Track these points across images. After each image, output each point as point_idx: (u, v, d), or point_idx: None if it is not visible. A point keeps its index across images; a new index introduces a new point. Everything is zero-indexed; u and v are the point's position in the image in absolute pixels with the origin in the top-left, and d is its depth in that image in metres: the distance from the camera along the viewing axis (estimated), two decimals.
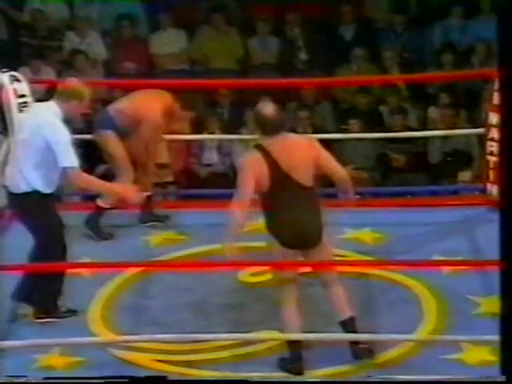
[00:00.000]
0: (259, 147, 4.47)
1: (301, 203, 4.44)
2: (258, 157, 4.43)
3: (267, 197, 4.46)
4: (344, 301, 4.52)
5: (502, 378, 3.62)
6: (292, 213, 4.43)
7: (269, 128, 4.46)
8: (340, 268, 4.71)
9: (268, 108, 4.49)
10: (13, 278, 4.76)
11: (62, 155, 4.63)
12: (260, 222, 5.69)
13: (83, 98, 4.78)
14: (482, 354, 4.48)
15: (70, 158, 4.65)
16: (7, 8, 8.74)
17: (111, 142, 5.59)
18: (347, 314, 4.51)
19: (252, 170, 4.41)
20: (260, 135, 4.51)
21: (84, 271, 5.11)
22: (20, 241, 5.11)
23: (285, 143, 4.46)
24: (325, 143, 5.12)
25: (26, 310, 4.83)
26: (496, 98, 5.63)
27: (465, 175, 7.32)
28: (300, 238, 4.45)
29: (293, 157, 4.43)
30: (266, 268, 4.97)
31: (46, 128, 4.67)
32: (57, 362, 4.51)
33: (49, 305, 4.77)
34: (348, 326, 4.49)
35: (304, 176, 4.45)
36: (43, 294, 4.75)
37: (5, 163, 5.17)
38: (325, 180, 4.70)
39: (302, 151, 4.48)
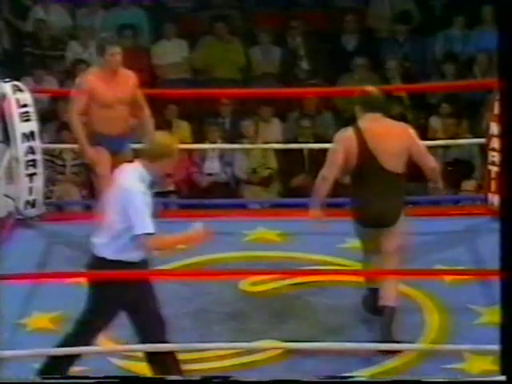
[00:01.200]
0: (355, 126, 4.75)
1: (383, 187, 4.70)
2: (351, 135, 4.71)
3: (354, 174, 4.75)
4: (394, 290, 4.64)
5: (502, 378, 3.61)
6: (372, 193, 4.69)
7: (369, 105, 4.75)
8: (342, 277, 4.71)
9: (371, 87, 4.92)
10: (13, 288, 4.76)
11: (137, 222, 4.20)
12: (262, 231, 5.73)
13: (173, 154, 4.24)
14: (483, 364, 4.47)
15: (145, 225, 4.22)
16: (10, 17, 8.78)
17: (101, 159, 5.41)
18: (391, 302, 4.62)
19: (343, 145, 4.69)
20: (360, 112, 4.77)
21: (85, 280, 5.10)
22: (21, 250, 5.13)
23: (380, 127, 4.73)
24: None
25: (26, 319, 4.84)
26: (497, 108, 5.64)
27: (466, 185, 7.32)
28: (375, 218, 4.70)
29: (385, 142, 4.68)
30: (267, 277, 4.97)
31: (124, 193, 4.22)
32: None
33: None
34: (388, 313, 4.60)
35: (392, 162, 4.70)
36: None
37: (8, 173, 5.19)
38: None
39: (396, 138, 4.71)
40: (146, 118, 5.64)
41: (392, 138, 4.70)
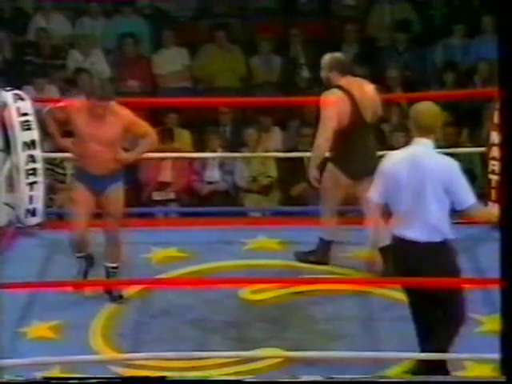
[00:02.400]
0: (341, 88, 5.18)
1: (367, 139, 5.22)
2: (343, 96, 5.14)
3: (342, 132, 5.13)
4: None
5: (502, 378, 3.60)
6: (360, 147, 5.17)
7: (343, 68, 5.27)
8: (342, 286, 4.71)
9: (338, 54, 5.42)
10: (13, 296, 4.75)
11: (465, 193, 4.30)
12: (263, 240, 5.73)
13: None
14: (484, 373, 4.46)
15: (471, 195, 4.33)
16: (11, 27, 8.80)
17: None
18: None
19: (338, 107, 5.10)
20: (337, 77, 5.25)
21: (86, 289, 5.10)
22: (21, 259, 5.13)
23: (358, 85, 5.25)
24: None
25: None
26: (498, 117, 5.64)
27: None
28: (366, 169, 5.01)
29: (365, 97, 5.20)
30: (267, 286, 4.97)
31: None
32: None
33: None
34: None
35: (370, 115, 5.22)
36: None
37: (9, 182, 5.19)
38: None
39: (371, 92, 5.28)
40: (149, 141, 5.16)
41: (369, 93, 5.27)
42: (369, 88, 5.32)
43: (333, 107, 5.12)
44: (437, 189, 4.28)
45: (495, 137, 5.70)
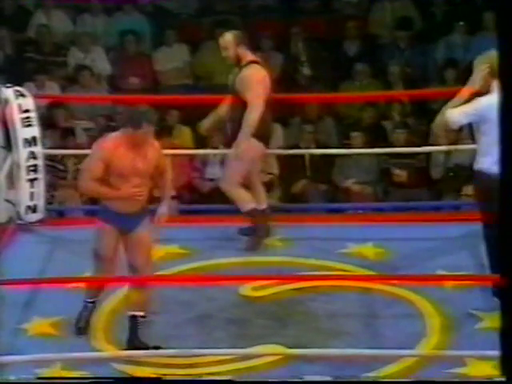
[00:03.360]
0: (257, 63, 5.44)
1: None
2: (264, 71, 5.45)
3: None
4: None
5: (502, 378, 3.60)
6: (270, 117, 5.57)
7: (245, 43, 5.55)
8: (343, 282, 4.70)
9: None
10: (14, 293, 4.76)
11: None
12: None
13: None
14: (485, 369, 4.46)
15: None
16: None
17: None
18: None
19: (264, 83, 5.42)
20: (243, 51, 5.48)
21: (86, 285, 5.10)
22: (22, 255, 5.13)
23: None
24: (328, 158, 5.17)
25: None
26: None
27: (468, 190, 7.32)
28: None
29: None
30: (267, 282, 4.97)
31: None
32: (58, 376, 4.50)
33: None
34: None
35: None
36: None
37: (9, 178, 5.19)
38: (326, 195, 4.72)
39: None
40: (165, 184, 4.83)
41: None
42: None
43: (260, 84, 5.33)
44: None
45: None
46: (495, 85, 4.79)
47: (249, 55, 5.51)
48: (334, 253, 5.44)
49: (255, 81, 5.38)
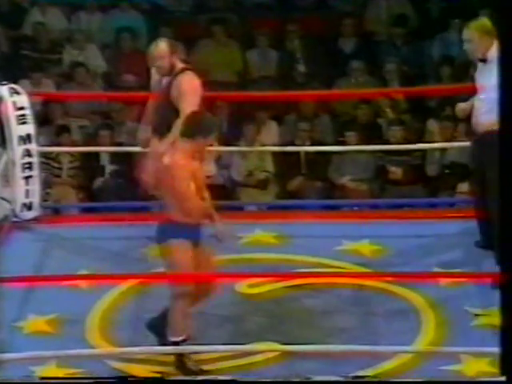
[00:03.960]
0: (191, 70, 5.21)
1: None
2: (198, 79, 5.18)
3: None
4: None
5: (502, 378, 3.61)
6: None
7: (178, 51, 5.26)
8: (338, 279, 4.70)
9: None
10: (10, 290, 4.75)
11: None
12: (259, 234, 5.73)
13: None
14: (480, 366, 4.47)
15: None
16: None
17: None
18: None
19: (199, 92, 5.14)
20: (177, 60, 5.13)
21: (82, 283, 5.10)
22: (17, 253, 5.12)
23: None
24: (324, 155, 5.16)
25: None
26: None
27: (462, 188, 7.33)
28: None
29: None
30: (264, 279, 4.96)
31: None
32: (54, 374, 4.50)
33: None
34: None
35: None
36: None
37: (4, 176, 5.18)
38: (322, 192, 4.72)
39: None
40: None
41: None
42: None
43: (195, 93, 5.08)
44: None
45: None
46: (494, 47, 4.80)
47: (181, 63, 5.27)
48: (329, 250, 5.44)
49: (191, 90, 5.13)
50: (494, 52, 4.92)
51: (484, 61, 5.11)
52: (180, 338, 4.46)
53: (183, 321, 4.44)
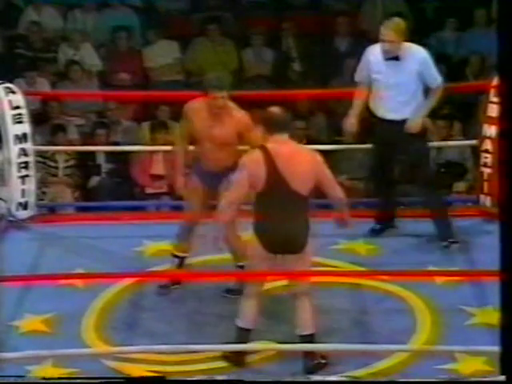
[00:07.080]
0: (262, 148, 4.52)
1: (291, 209, 4.50)
2: (259, 156, 4.48)
3: (260, 196, 4.50)
4: (309, 316, 4.53)
5: (502, 378, 3.62)
6: (280, 216, 4.48)
7: (274, 126, 4.56)
8: (334, 278, 4.70)
9: (275, 108, 4.69)
10: (5, 290, 4.75)
11: None
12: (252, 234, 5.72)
13: None
14: (476, 365, 4.48)
15: None
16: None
17: None
18: (308, 330, 4.53)
19: (249, 169, 4.47)
20: (265, 133, 4.56)
21: (77, 282, 5.10)
22: (13, 252, 5.11)
23: (288, 148, 4.54)
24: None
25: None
26: (490, 110, 5.67)
27: (458, 187, 7.34)
28: (282, 243, 4.49)
29: (293, 163, 4.49)
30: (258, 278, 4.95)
31: None
32: (50, 373, 4.50)
33: None
34: (306, 341, 4.52)
35: (300, 184, 4.50)
36: None
37: (0, 175, 5.17)
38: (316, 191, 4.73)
39: (304, 161, 4.54)
40: None
41: (301, 161, 4.51)
42: (306, 157, 4.59)
43: (245, 167, 4.51)
44: None
45: (487, 129, 5.72)
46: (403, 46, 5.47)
47: (266, 139, 4.66)
48: (325, 249, 5.45)
49: (242, 163, 4.56)
50: (404, 51, 5.61)
51: (397, 58, 5.59)
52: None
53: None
